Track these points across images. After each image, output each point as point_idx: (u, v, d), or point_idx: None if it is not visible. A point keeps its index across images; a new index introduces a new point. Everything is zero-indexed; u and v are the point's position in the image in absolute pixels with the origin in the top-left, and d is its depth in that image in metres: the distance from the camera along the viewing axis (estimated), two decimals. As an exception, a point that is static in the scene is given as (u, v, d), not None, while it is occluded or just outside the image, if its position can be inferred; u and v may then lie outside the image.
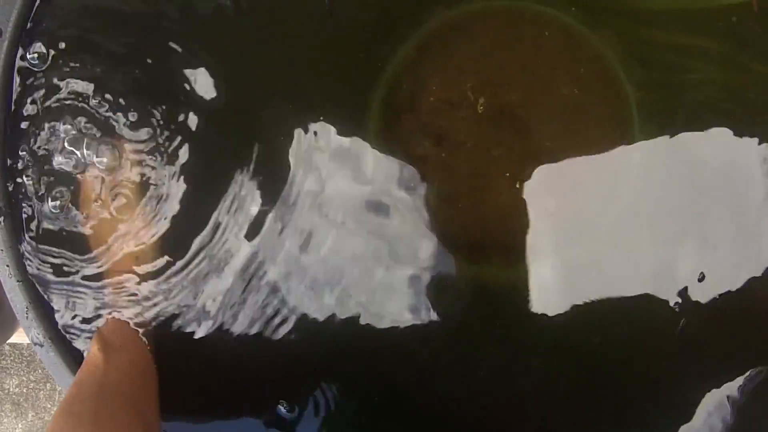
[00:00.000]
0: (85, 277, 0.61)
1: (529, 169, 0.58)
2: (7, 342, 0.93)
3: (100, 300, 0.61)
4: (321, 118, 0.58)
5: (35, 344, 0.61)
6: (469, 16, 0.58)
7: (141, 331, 0.60)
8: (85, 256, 0.60)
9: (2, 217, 0.60)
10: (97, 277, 0.61)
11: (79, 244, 0.61)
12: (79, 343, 0.62)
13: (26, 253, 0.61)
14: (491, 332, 0.60)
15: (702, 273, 0.57)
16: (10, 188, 0.60)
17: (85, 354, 0.61)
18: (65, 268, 0.61)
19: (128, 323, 0.61)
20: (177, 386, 0.60)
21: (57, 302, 0.61)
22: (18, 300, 0.61)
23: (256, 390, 0.62)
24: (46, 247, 0.61)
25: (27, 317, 0.61)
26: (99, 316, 0.61)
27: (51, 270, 0.61)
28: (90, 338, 0.61)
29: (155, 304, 0.60)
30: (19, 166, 0.60)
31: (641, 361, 0.59)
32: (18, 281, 0.60)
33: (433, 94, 0.58)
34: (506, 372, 0.60)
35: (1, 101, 0.59)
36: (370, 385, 0.62)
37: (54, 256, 0.61)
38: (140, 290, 0.60)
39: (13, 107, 0.60)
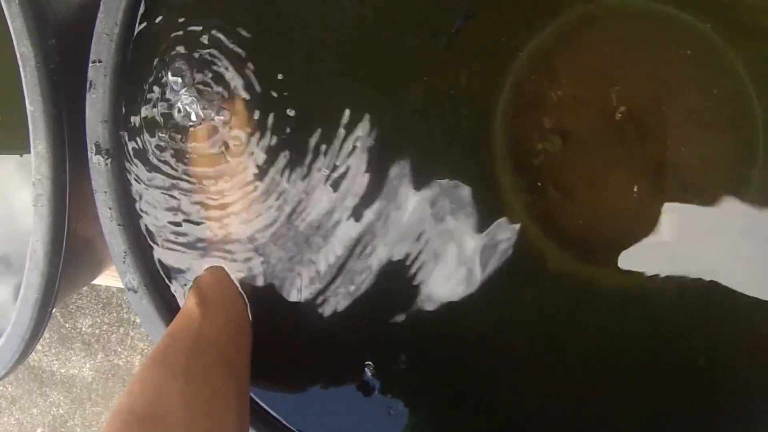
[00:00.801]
0: (187, 228, 0.61)
1: (650, 174, 0.56)
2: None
3: (201, 252, 0.60)
4: (449, 98, 0.56)
5: (129, 289, 0.61)
6: (605, 12, 0.57)
7: (239, 288, 0.60)
8: (190, 207, 0.60)
9: (109, 159, 0.60)
10: (200, 228, 0.60)
11: (184, 193, 0.60)
12: (172, 293, 0.62)
13: (130, 198, 0.60)
14: (590, 333, 0.58)
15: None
16: (121, 132, 0.60)
17: (180, 304, 0.61)
18: (168, 216, 0.61)
19: (227, 278, 0.60)
20: (266, 347, 0.59)
21: (156, 249, 0.61)
22: (117, 243, 0.61)
23: (343, 354, 0.61)
24: (151, 193, 0.60)
25: (124, 262, 0.61)
26: (198, 267, 0.61)
27: (153, 216, 0.61)
28: (186, 289, 0.61)
29: (254, 262, 0.60)
30: (131, 111, 0.60)
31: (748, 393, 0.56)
32: (119, 225, 0.61)
33: (561, 89, 0.57)
34: (600, 376, 0.58)
35: (119, 47, 0.59)
36: (452, 369, 0.61)
37: (158, 204, 0.61)
38: (241, 246, 0.60)
39: (131, 54, 0.59)
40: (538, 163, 0.58)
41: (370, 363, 0.59)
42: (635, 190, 0.57)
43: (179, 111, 0.59)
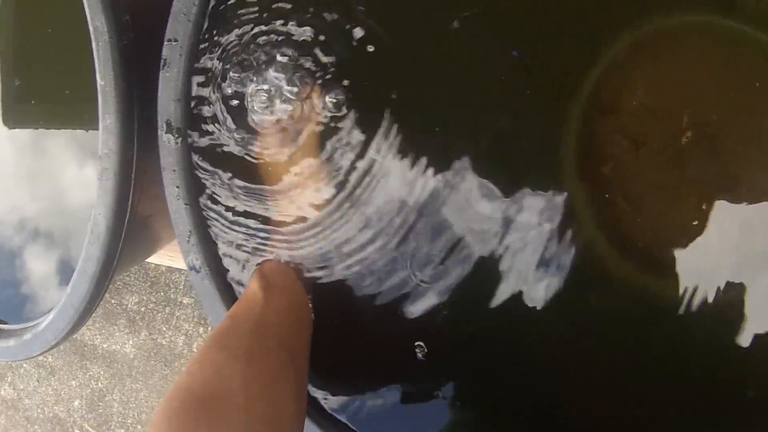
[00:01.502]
0: (254, 211, 0.60)
1: (719, 192, 0.55)
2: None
3: (265, 236, 0.60)
4: (525, 100, 0.56)
5: (191, 269, 0.62)
6: (686, 28, 0.56)
7: (300, 274, 0.60)
8: (256, 189, 0.60)
9: (180, 138, 0.60)
10: (266, 212, 0.60)
11: (252, 177, 0.60)
12: (234, 275, 0.61)
13: (197, 178, 0.60)
14: (647, 348, 0.57)
15: None
16: (193, 111, 0.60)
17: (241, 286, 0.61)
18: (234, 198, 0.61)
19: (289, 264, 0.60)
20: (322, 336, 0.59)
21: (220, 230, 0.61)
22: (182, 223, 0.61)
23: (395, 343, 0.61)
24: (219, 173, 0.60)
25: (188, 241, 0.61)
26: (261, 251, 0.60)
27: (220, 197, 0.61)
28: (249, 272, 0.61)
29: (316, 249, 0.59)
30: (205, 91, 0.60)
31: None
32: (185, 204, 0.61)
33: (636, 98, 0.56)
34: (655, 387, 0.57)
35: (196, 26, 0.58)
36: (505, 365, 0.60)
37: (224, 185, 0.60)
38: (304, 233, 0.59)
39: (207, 34, 0.59)
40: (607, 171, 0.57)
41: (421, 344, 0.59)
42: (704, 206, 0.56)
43: (252, 95, 0.59)
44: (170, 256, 1.01)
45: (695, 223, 0.56)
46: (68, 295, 0.71)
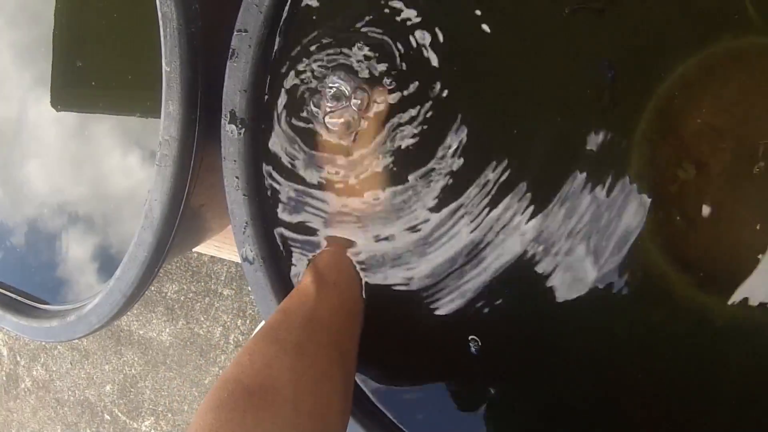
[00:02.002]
0: (310, 205, 0.60)
1: None
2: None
3: (321, 230, 0.60)
4: (583, 115, 0.55)
5: (244, 260, 0.61)
6: (754, 49, 0.55)
7: (356, 269, 0.59)
8: (315, 184, 0.60)
9: (243, 129, 0.60)
10: (324, 206, 0.60)
11: (311, 170, 0.60)
12: (287, 268, 0.61)
13: (257, 169, 0.60)
14: (704, 365, 0.56)
15: None
16: (258, 103, 0.60)
17: (294, 280, 0.60)
18: (293, 191, 0.60)
19: (345, 259, 0.59)
20: (374, 332, 0.58)
21: (276, 223, 0.61)
22: (239, 213, 0.61)
23: (449, 343, 0.60)
24: (279, 166, 0.60)
25: (244, 232, 0.61)
26: (317, 245, 0.60)
27: (278, 190, 0.60)
28: (302, 266, 0.60)
29: (373, 243, 0.59)
30: (272, 83, 0.60)
31: None
32: (244, 195, 0.60)
33: (701, 117, 0.55)
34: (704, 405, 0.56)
35: (267, 19, 0.58)
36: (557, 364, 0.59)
37: (284, 178, 0.60)
38: (362, 227, 0.59)
39: (278, 27, 0.59)
40: (668, 188, 0.56)
41: (475, 338, 0.58)
42: (758, 227, 0.54)
43: (319, 91, 0.59)
44: (217, 246, 1.01)
45: (754, 245, 0.55)
46: (117, 279, 0.71)
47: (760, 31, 0.54)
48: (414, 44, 0.57)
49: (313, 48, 0.59)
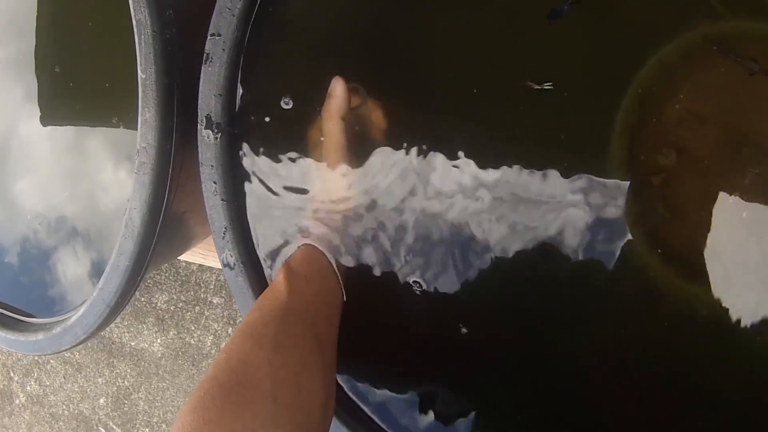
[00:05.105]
0: (288, 207, 0.60)
1: (762, 202, 0.53)
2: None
3: (299, 231, 0.60)
4: (571, 102, 0.55)
5: (225, 266, 0.61)
6: (733, 33, 0.54)
7: (332, 264, 0.59)
8: (293, 186, 0.59)
9: (219, 134, 0.60)
10: (301, 206, 0.60)
11: (288, 173, 0.60)
12: (268, 272, 0.61)
13: (235, 174, 0.60)
14: (680, 353, 0.56)
15: None
16: (233, 107, 0.60)
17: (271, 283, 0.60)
18: (270, 195, 0.60)
19: (320, 255, 0.59)
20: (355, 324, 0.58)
21: (255, 227, 0.60)
22: (218, 219, 0.60)
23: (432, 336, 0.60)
24: (256, 170, 0.60)
25: (223, 237, 0.60)
26: (293, 244, 0.60)
27: (256, 194, 0.60)
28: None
29: (353, 241, 0.59)
30: (245, 87, 0.59)
31: None
32: (222, 200, 0.60)
33: (680, 103, 0.55)
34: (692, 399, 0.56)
35: (240, 22, 0.58)
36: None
37: (261, 182, 0.60)
38: (340, 226, 0.59)
39: (250, 30, 0.59)
40: (650, 178, 0.56)
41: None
42: (744, 215, 0.54)
43: (294, 93, 0.58)
44: (202, 254, 1.01)
45: (738, 233, 0.54)
46: (99, 290, 0.71)
47: (738, 17, 0.54)
48: (387, 38, 0.57)
49: (286, 49, 0.59)
